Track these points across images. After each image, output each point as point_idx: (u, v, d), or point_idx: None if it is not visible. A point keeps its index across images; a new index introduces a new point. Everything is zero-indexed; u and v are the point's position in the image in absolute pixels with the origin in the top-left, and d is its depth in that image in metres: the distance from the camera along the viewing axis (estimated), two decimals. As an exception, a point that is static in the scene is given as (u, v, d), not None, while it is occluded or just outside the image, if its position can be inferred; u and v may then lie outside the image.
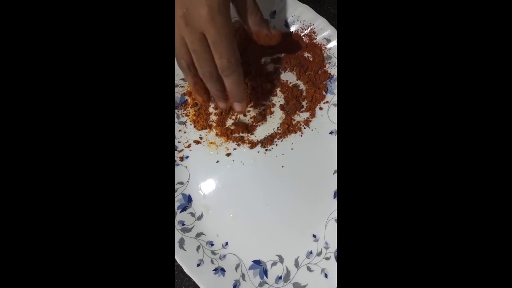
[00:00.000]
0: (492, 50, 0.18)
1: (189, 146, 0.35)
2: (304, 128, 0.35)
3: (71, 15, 0.19)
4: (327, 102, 0.35)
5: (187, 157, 0.35)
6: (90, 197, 0.19)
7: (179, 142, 0.35)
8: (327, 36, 0.35)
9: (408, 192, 0.18)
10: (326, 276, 0.32)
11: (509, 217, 0.17)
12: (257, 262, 0.33)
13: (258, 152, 0.34)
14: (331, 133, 0.34)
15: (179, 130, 0.35)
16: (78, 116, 0.19)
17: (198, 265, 0.32)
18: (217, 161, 0.35)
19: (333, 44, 0.34)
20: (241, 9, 0.30)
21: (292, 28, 0.35)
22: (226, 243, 0.34)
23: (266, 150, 0.34)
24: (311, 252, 0.33)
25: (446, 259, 0.18)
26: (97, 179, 0.19)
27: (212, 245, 0.33)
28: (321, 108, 0.35)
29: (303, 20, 0.35)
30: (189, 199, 0.34)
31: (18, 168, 0.18)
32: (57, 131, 0.19)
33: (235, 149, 0.35)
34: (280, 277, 0.33)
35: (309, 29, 0.35)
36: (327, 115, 0.35)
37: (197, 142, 0.35)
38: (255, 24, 0.30)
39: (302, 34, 0.35)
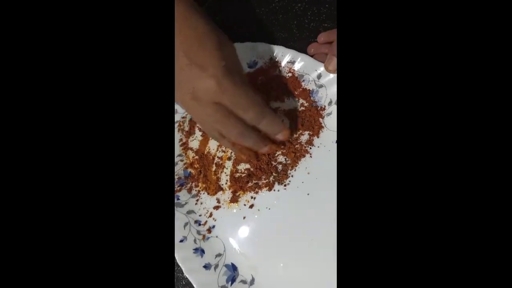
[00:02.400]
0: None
1: (210, 215, 0.34)
2: (310, 148, 0.34)
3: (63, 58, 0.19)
4: (321, 115, 0.35)
5: (213, 226, 0.34)
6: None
7: (200, 215, 0.34)
8: (290, 59, 0.36)
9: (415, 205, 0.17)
10: None
11: (509, 218, 0.16)
12: (329, 302, 0.30)
13: (278, 190, 0.33)
14: (336, 142, 0.34)
15: (195, 204, 0.34)
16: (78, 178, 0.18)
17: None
18: (244, 217, 0.33)
19: (299, 64, 0.35)
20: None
21: (257, 66, 0.36)
22: (290, 296, 0.31)
23: (285, 185, 0.34)
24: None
25: (449, 271, 0.17)
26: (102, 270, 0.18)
27: (277, 304, 0.31)
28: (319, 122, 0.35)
29: (263, 55, 0.36)
30: (234, 268, 0.32)
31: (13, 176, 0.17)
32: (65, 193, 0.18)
33: (254, 198, 0.34)
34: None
35: (271, 60, 0.36)
36: (325, 127, 0.35)
37: (217, 207, 0.34)
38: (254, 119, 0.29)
39: (267, 66, 0.36)
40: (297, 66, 0.36)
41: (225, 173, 0.35)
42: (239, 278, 0.32)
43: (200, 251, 0.33)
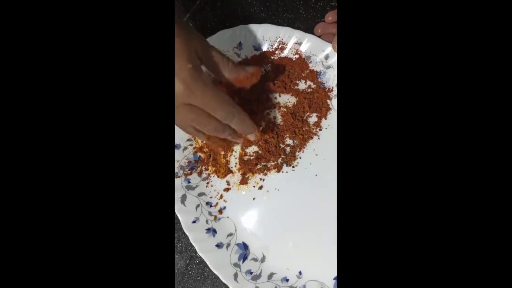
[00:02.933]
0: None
1: (221, 197, 0.35)
2: (319, 130, 0.34)
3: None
4: (329, 97, 0.35)
5: (224, 207, 0.35)
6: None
7: (211, 197, 0.35)
8: (296, 41, 0.35)
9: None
10: None
11: (509, 218, 0.16)
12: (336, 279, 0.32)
13: (287, 172, 0.34)
14: (344, 122, 0.34)
15: (206, 187, 0.35)
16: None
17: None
18: (254, 198, 0.34)
19: (306, 45, 0.35)
20: (211, 66, 0.30)
21: (263, 49, 0.36)
22: (300, 273, 0.32)
23: (293, 166, 0.34)
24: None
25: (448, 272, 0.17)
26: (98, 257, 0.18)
27: (287, 280, 0.32)
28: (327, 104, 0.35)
29: (269, 37, 0.36)
30: (245, 247, 0.34)
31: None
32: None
33: (263, 179, 0.34)
34: None
35: (277, 41, 0.36)
36: (333, 108, 0.35)
37: (227, 189, 0.35)
38: (231, 73, 0.30)
39: (273, 48, 0.36)
40: (304, 47, 0.35)
41: (234, 156, 0.35)
42: (250, 256, 0.33)
43: (212, 231, 0.34)
